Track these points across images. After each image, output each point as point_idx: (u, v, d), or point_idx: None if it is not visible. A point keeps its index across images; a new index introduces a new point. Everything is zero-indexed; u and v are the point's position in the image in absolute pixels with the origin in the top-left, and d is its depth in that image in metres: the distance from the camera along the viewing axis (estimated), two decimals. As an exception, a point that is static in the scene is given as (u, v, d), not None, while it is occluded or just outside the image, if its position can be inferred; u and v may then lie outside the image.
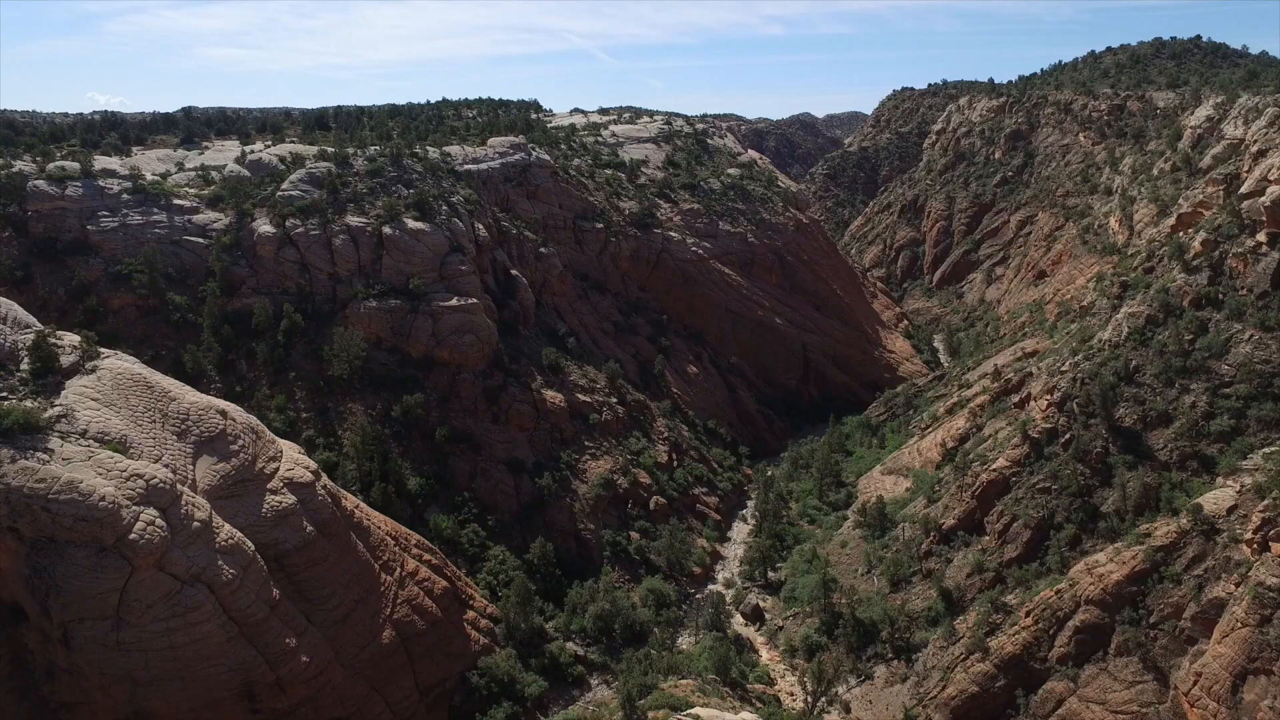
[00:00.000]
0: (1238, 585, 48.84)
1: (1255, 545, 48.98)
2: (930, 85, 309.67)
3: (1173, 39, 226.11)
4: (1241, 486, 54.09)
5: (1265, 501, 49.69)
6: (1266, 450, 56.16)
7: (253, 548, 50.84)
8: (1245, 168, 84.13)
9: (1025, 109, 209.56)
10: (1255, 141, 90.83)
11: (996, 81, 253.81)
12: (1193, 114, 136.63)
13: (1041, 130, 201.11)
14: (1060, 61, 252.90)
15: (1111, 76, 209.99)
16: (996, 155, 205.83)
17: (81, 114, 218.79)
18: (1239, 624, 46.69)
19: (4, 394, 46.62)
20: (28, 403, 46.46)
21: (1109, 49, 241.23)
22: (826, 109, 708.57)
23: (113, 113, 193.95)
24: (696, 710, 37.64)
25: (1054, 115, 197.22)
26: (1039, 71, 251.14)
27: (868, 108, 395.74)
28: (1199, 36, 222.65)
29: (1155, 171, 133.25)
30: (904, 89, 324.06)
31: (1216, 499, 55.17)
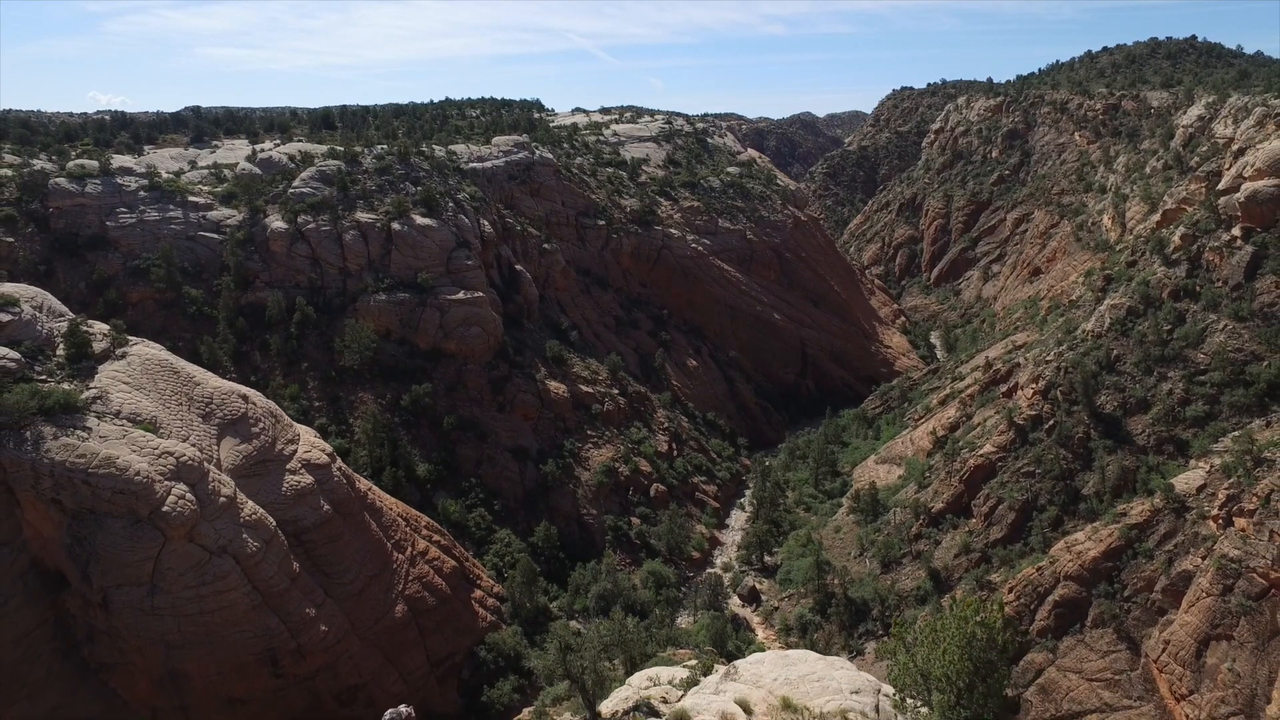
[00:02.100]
0: (1204, 558, 51.68)
1: (1220, 520, 51.86)
2: (929, 85, 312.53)
3: (1168, 39, 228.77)
4: (1211, 467, 56.94)
5: (1231, 479, 52.55)
6: (1235, 434, 58.95)
7: (274, 523, 53.81)
8: (1227, 165, 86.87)
9: (1022, 108, 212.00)
10: (1238, 140, 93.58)
11: (995, 81, 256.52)
12: (1185, 113, 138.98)
13: (1038, 129, 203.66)
14: (1058, 61, 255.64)
15: (1107, 76, 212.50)
16: (994, 154, 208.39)
17: (86, 114, 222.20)
18: (1204, 594, 49.54)
19: (43, 377, 49.66)
20: (65, 385, 49.48)
21: (1105, 49, 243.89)
22: (827, 108, 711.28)
23: (121, 112, 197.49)
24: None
25: (1050, 114, 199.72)
26: (1036, 71, 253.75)
27: (868, 107, 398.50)
28: (1194, 37, 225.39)
29: (1148, 170, 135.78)
30: (903, 88, 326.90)
31: (1188, 479, 58.04)
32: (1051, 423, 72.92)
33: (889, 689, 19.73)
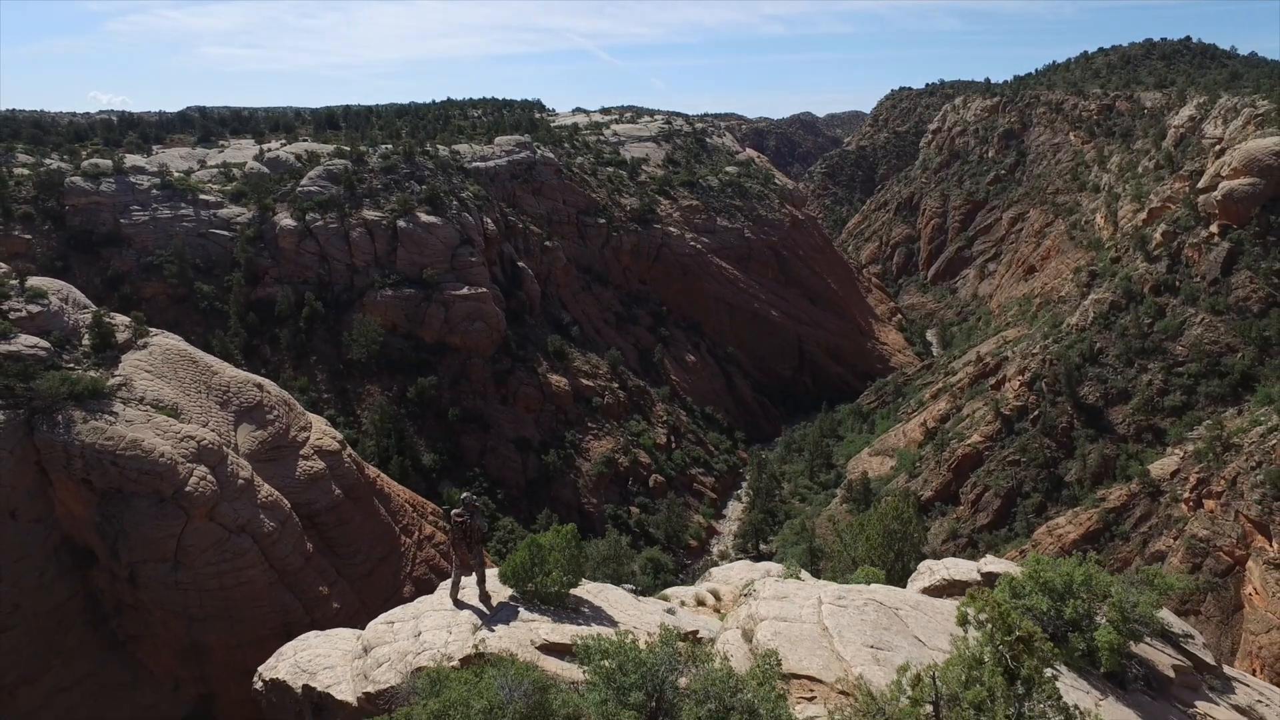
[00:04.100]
0: (1175, 539, 54.24)
1: (1191, 503, 54.39)
2: (928, 85, 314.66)
3: (1163, 40, 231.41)
4: (1184, 453, 59.49)
5: (1201, 464, 55.08)
6: (1208, 422, 61.48)
7: (289, 506, 56.31)
8: (1209, 164, 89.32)
9: (1018, 109, 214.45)
10: (1225, 140, 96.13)
11: (993, 81, 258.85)
12: (1177, 114, 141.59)
13: (1034, 129, 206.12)
14: (1054, 62, 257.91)
15: (1102, 77, 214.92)
16: (990, 154, 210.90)
17: (89, 113, 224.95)
18: (1174, 572, 52.01)
19: (71, 365, 52.22)
20: (92, 372, 52.05)
21: (1101, 49, 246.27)
22: (827, 108, 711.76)
23: (129, 113, 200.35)
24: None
25: (1046, 115, 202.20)
26: (1033, 72, 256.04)
27: (868, 107, 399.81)
28: (1189, 37, 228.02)
29: (1140, 170, 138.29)
30: (902, 89, 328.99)
31: (1163, 465, 60.64)
32: (1036, 413, 75.48)
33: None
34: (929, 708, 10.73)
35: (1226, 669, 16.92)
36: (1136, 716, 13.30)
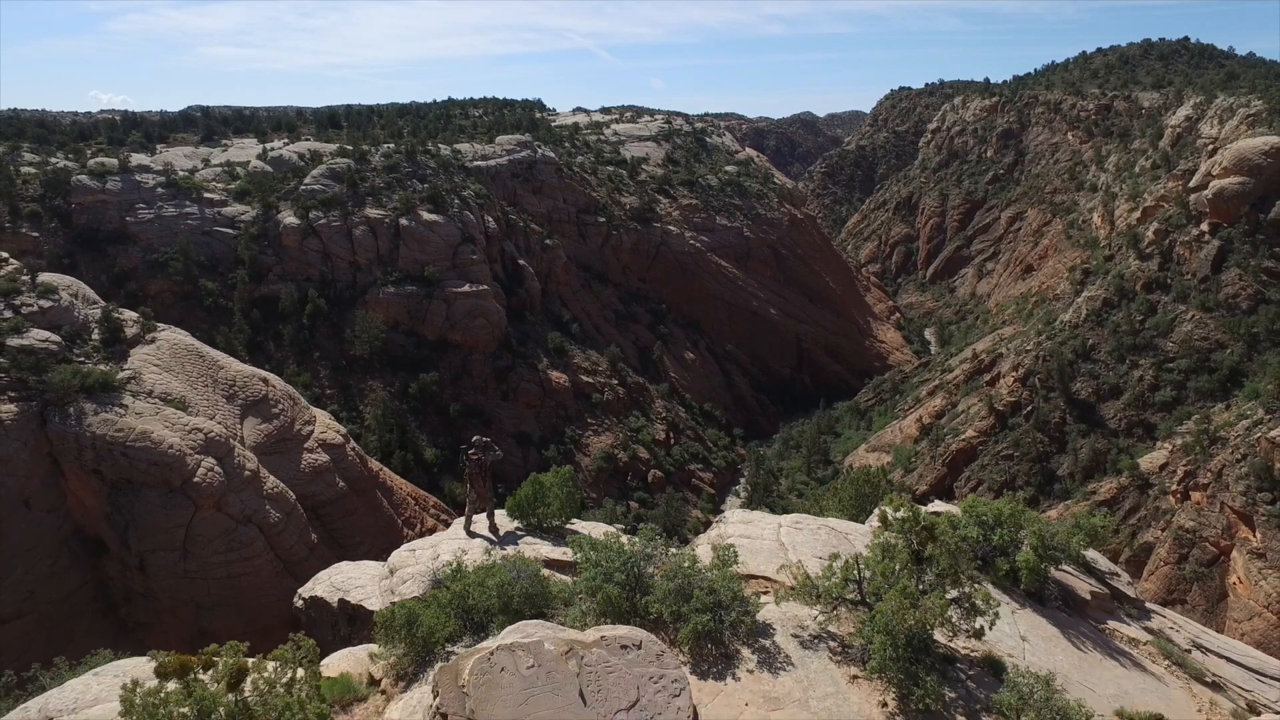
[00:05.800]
0: (1163, 530, 55.30)
1: (1179, 495, 55.45)
2: (927, 85, 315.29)
3: (1161, 40, 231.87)
4: (1173, 447, 60.54)
5: (1189, 457, 56.13)
6: (1197, 416, 62.53)
7: (294, 497, 57.44)
8: (1202, 164, 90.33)
9: (1017, 108, 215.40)
10: (1221, 140, 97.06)
11: (993, 81, 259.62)
12: (1174, 114, 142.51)
13: (1032, 129, 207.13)
14: (1053, 62, 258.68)
15: (1100, 77, 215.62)
16: (989, 153, 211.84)
17: (90, 113, 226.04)
18: (1162, 562, 53.17)
19: (81, 359, 53.36)
20: (102, 366, 53.20)
21: (1099, 50, 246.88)
22: (828, 108, 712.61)
23: (131, 112, 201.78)
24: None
25: (1044, 115, 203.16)
26: (1032, 72, 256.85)
27: (868, 107, 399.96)
28: (1187, 38, 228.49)
29: (1137, 169, 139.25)
30: (901, 88, 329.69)
31: (1152, 459, 61.71)
32: (1030, 409, 76.54)
33: None
34: (854, 586, 13.64)
35: (1149, 605, 18.45)
36: (1048, 623, 15.02)
